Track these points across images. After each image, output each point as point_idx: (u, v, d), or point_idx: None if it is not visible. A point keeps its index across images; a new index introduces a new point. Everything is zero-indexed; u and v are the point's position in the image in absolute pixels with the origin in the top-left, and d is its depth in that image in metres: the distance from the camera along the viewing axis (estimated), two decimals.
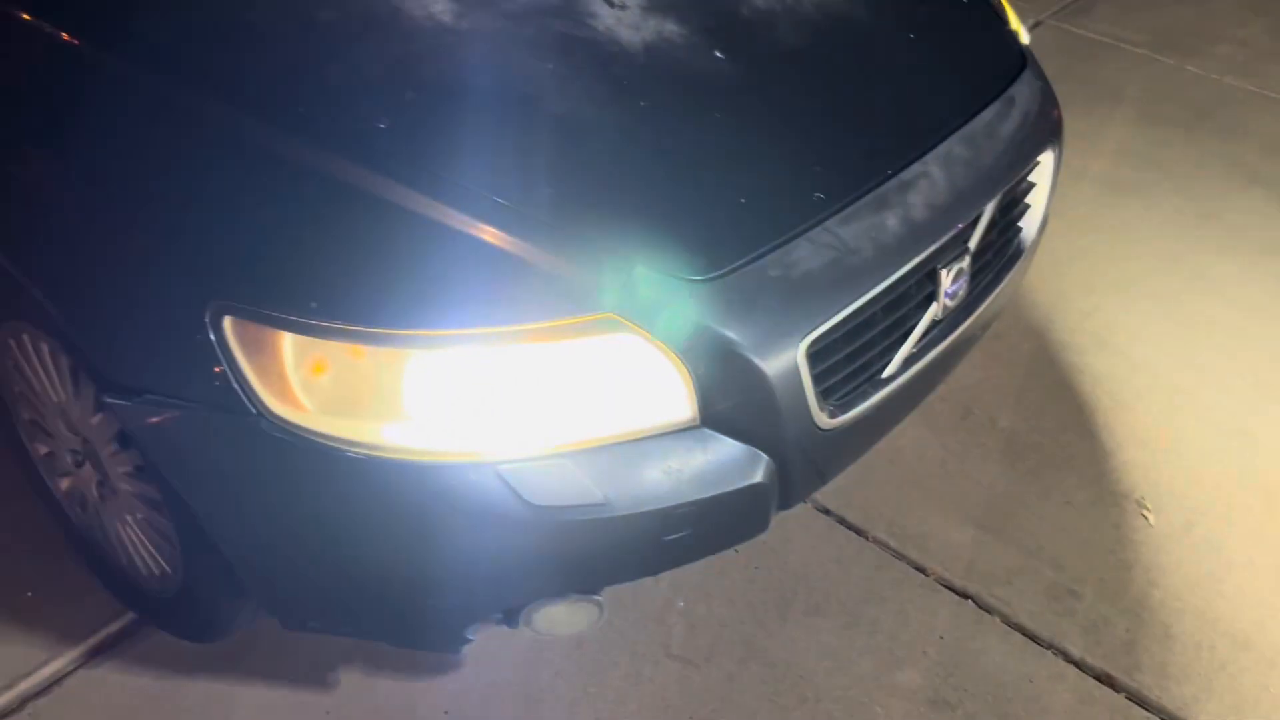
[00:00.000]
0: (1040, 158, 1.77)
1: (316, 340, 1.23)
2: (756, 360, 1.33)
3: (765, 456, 1.41)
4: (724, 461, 1.38)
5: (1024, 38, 1.96)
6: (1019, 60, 1.84)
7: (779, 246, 1.38)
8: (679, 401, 1.34)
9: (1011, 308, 2.66)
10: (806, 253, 1.39)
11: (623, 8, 1.59)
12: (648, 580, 1.94)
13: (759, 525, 1.50)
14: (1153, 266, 2.88)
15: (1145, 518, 2.15)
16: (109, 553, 1.75)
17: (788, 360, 1.35)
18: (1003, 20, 1.95)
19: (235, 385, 1.25)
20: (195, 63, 1.38)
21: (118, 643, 1.78)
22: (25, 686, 1.70)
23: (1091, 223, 3.04)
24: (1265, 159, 3.41)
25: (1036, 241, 1.89)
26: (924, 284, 1.56)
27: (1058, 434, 2.33)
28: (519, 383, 1.28)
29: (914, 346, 1.58)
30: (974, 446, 2.29)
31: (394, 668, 1.77)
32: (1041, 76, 1.88)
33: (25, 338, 1.56)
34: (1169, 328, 2.65)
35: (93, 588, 1.82)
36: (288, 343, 1.24)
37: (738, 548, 2.02)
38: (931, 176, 1.55)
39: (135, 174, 1.31)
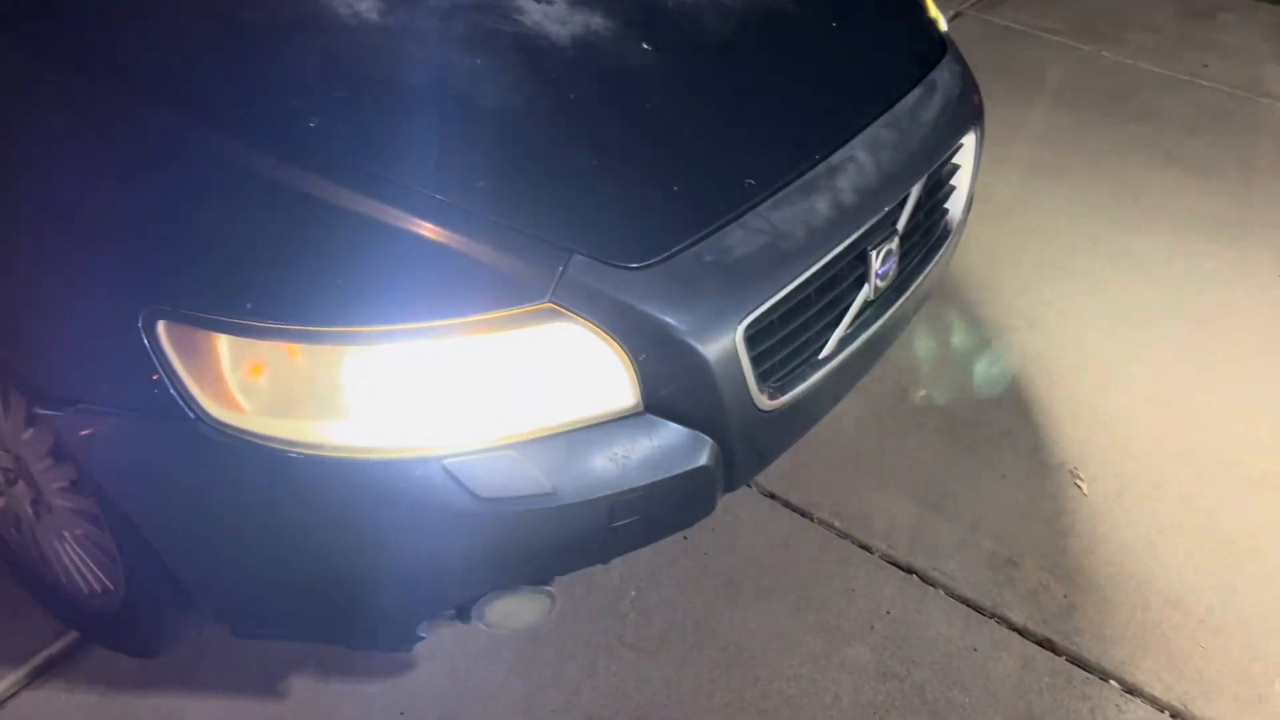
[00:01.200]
0: (963, 140, 1.82)
1: (253, 341, 1.23)
2: (696, 344, 1.35)
3: (709, 440, 1.43)
4: (668, 446, 1.40)
5: (942, 25, 2.01)
6: (939, 46, 1.89)
7: (713, 232, 1.40)
8: (622, 388, 1.36)
9: (945, 290, 2.73)
10: (740, 238, 1.41)
11: (549, 2, 1.60)
12: (600, 572, 1.96)
13: (705, 507, 1.52)
14: (1078, 246, 2.96)
15: (1079, 487, 2.21)
16: (47, 572, 1.71)
17: (726, 343, 1.37)
18: (922, 8, 2.00)
19: (172, 390, 1.24)
20: (119, 63, 1.36)
21: (61, 663, 1.74)
22: None
23: (1018, 206, 3.12)
24: (1179, 140, 3.52)
25: (963, 222, 1.94)
26: (855, 265, 1.59)
27: (993, 411, 2.39)
28: (461, 376, 1.29)
29: (848, 327, 1.61)
30: (913, 426, 2.34)
31: (346, 671, 1.76)
32: (961, 62, 1.93)
33: None
34: (1095, 305, 2.73)
35: (32, 608, 1.78)
36: (223, 345, 1.23)
37: (686, 534, 2.04)
38: (859, 160, 1.58)
39: (59, 178, 1.29)
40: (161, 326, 1.22)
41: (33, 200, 1.29)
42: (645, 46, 1.58)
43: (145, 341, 1.23)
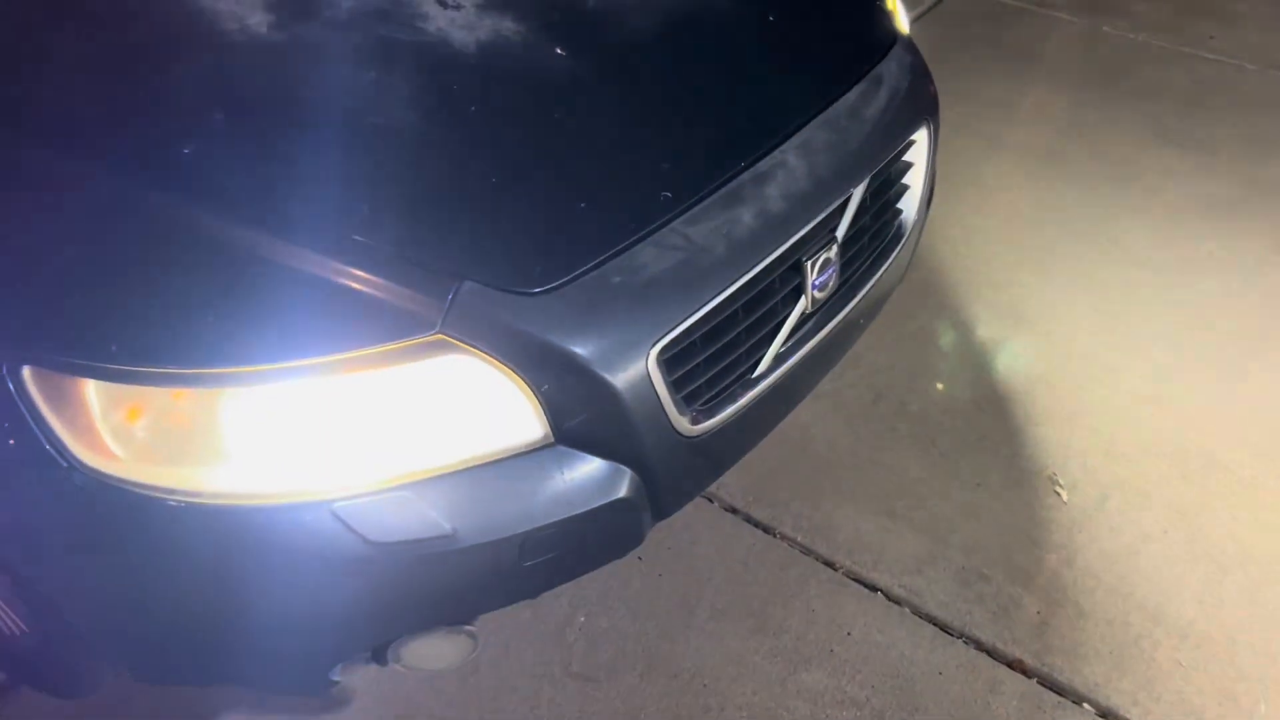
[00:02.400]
0: (914, 136, 1.72)
1: (122, 386, 1.16)
2: (602, 372, 1.26)
3: (628, 470, 1.35)
4: (583, 479, 1.32)
5: (896, 12, 1.90)
6: (888, 37, 1.78)
7: (622, 251, 1.31)
8: (526, 420, 1.28)
9: (920, 285, 2.62)
10: (652, 256, 1.32)
11: (456, 7, 1.51)
12: (546, 595, 1.88)
13: (632, 540, 1.45)
14: (1068, 234, 2.84)
15: (1059, 494, 2.11)
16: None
17: (637, 370, 1.29)
18: None
19: (43, 439, 1.17)
20: None
21: None
22: None
23: (1005, 192, 3.00)
24: (1181, 117, 3.38)
25: (921, 221, 1.84)
26: (790, 277, 1.50)
27: (971, 415, 2.29)
28: (348, 414, 1.21)
29: (785, 342, 1.52)
30: (885, 432, 2.24)
31: (282, 709, 1.70)
32: (913, 51, 1.82)
33: None
34: (1084, 297, 2.61)
35: None
36: (92, 390, 1.16)
37: (640, 554, 1.96)
38: (789, 166, 1.48)
39: None
40: (27, 373, 1.16)
41: None
42: (559, 51, 1.49)
43: (11, 388, 1.16)
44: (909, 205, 1.78)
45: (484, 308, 1.22)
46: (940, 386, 2.35)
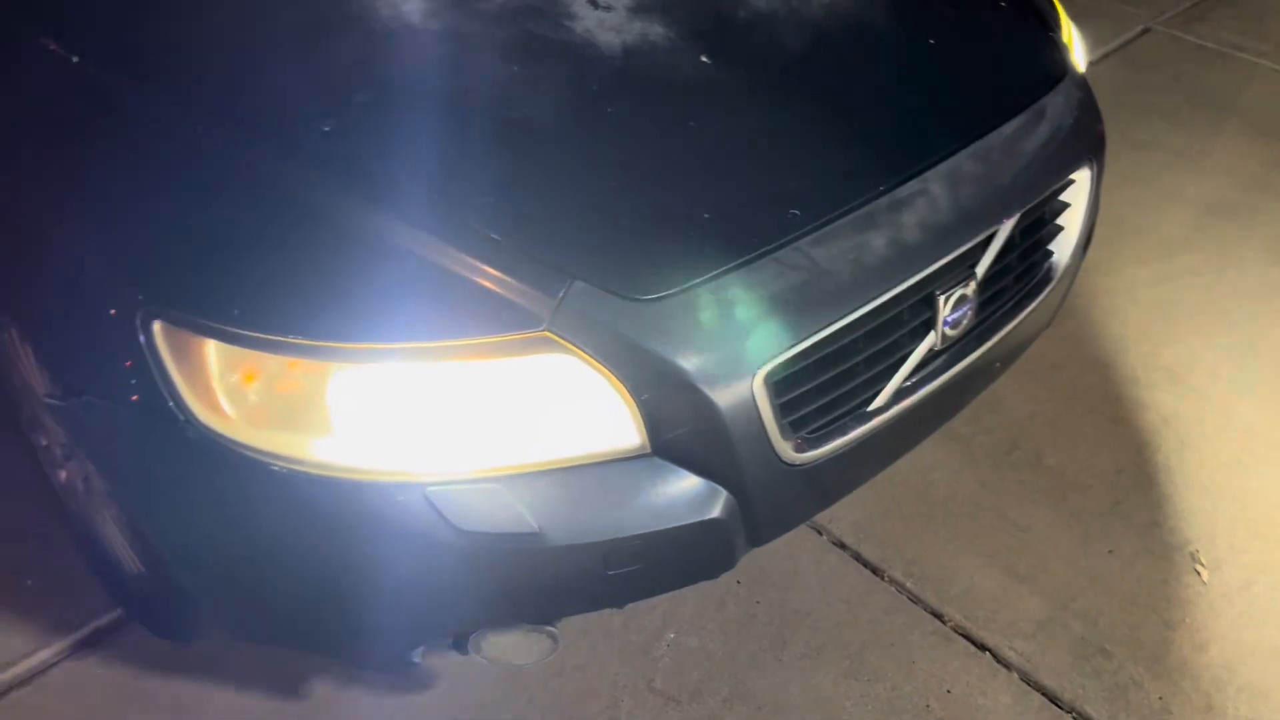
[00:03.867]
0: (1075, 176, 1.62)
1: (241, 350, 1.20)
2: (705, 389, 1.23)
3: (724, 491, 1.31)
4: (675, 494, 1.29)
5: (1072, 45, 1.80)
6: (1057, 71, 1.69)
7: (740, 266, 1.28)
8: (624, 428, 1.26)
9: (1074, 335, 2.47)
10: (772, 274, 1.29)
11: (607, 9, 1.51)
12: (641, 609, 1.86)
13: (722, 563, 1.41)
14: (1240, 296, 2.63)
15: (1199, 573, 1.95)
16: (99, 547, 1.76)
17: (741, 390, 1.25)
18: (1048, 27, 1.79)
19: (163, 390, 1.22)
20: (137, 64, 1.37)
21: (104, 637, 1.79)
22: (11, 675, 1.72)
23: (1179, 247, 2.81)
24: None
25: (1075, 266, 1.73)
26: (920, 310, 1.43)
27: (1110, 476, 2.15)
28: (449, 401, 1.22)
29: (907, 378, 1.46)
30: (1015, 484, 2.13)
31: (370, 684, 1.73)
32: (1084, 87, 1.72)
33: (15, 333, 1.58)
34: (1251, 365, 2.42)
35: (89, 581, 1.84)
36: (214, 351, 1.21)
37: (739, 579, 1.91)
38: (931, 194, 1.42)
39: (75, 176, 1.30)
40: (157, 327, 1.21)
41: (53, 197, 1.31)
42: (704, 60, 1.47)
43: (142, 340, 1.22)
44: (1062, 248, 1.68)
45: (593, 309, 1.21)
46: (1081, 444, 2.22)
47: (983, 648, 1.82)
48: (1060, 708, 1.73)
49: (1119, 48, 3.84)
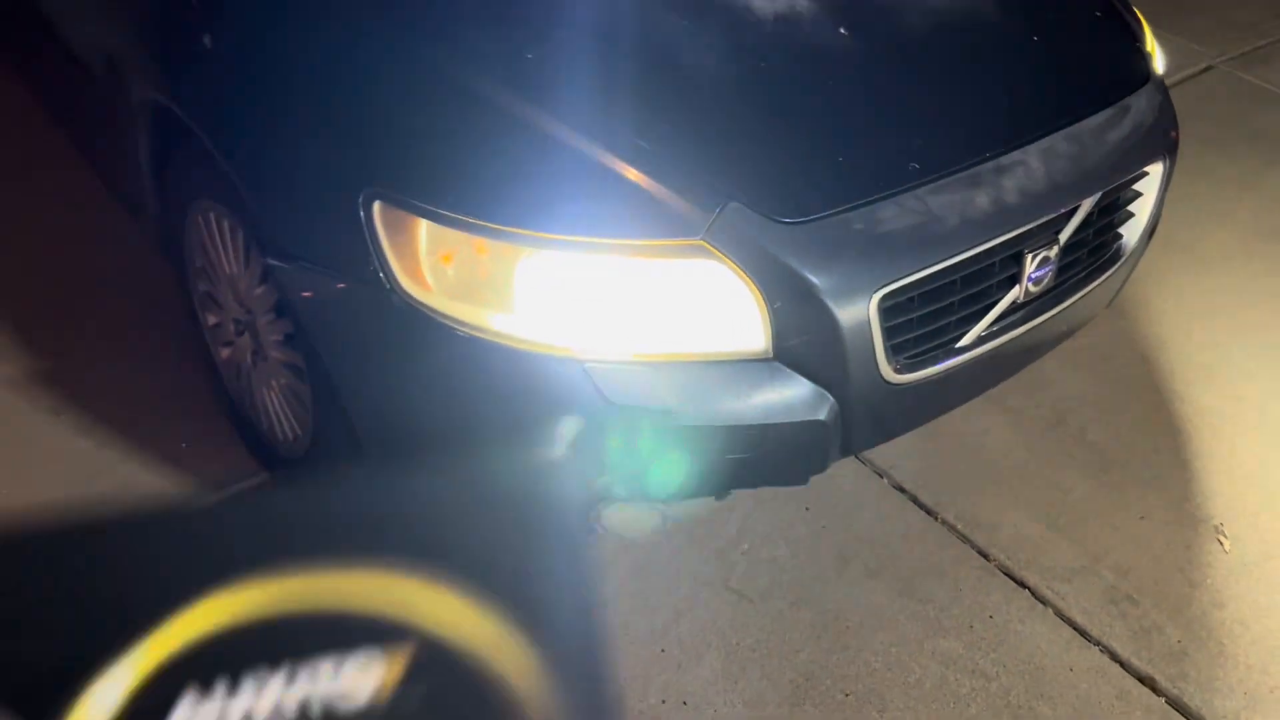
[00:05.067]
0: (1148, 169, 1.84)
1: (448, 230, 1.43)
2: (830, 304, 1.46)
3: (831, 398, 1.54)
4: (790, 395, 1.52)
5: (1155, 57, 2.02)
6: (1142, 75, 1.91)
7: (867, 204, 1.50)
8: (755, 333, 1.49)
9: (1124, 331, 2.69)
10: (893, 213, 1.51)
11: None
12: (718, 521, 2.08)
13: (817, 463, 1.63)
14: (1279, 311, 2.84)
15: (1221, 543, 2.16)
16: (254, 417, 2.00)
17: (859, 309, 1.47)
18: (1135, 37, 2.01)
19: (375, 263, 1.46)
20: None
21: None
22: None
23: (1225, 263, 3.02)
24: None
25: (1138, 252, 1.95)
26: (1009, 265, 1.65)
27: (1148, 455, 2.36)
28: (613, 292, 1.45)
29: (991, 324, 1.68)
30: (1060, 454, 2.34)
31: None
32: (1164, 93, 1.94)
33: (211, 215, 1.82)
34: None
35: (237, 447, 2.08)
36: (424, 230, 1.44)
37: (808, 505, 2.14)
38: (1030, 165, 1.64)
39: (322, 72, 1.54)
40: (377, 206, 1.45)
41: (297, 87, 1.55)
42: (842, 31, 1.70)
43: (362, 216, 1.45)
44: (1131, 232, 1.90)
45: (742, 226, 1.44)
46: (1123, 425, 2.43)
47: (1022, 585, 2.04)
48: (1089, 640, 1.95)
49: (1181, 81, 4.04)
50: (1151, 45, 2.06)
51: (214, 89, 1.64)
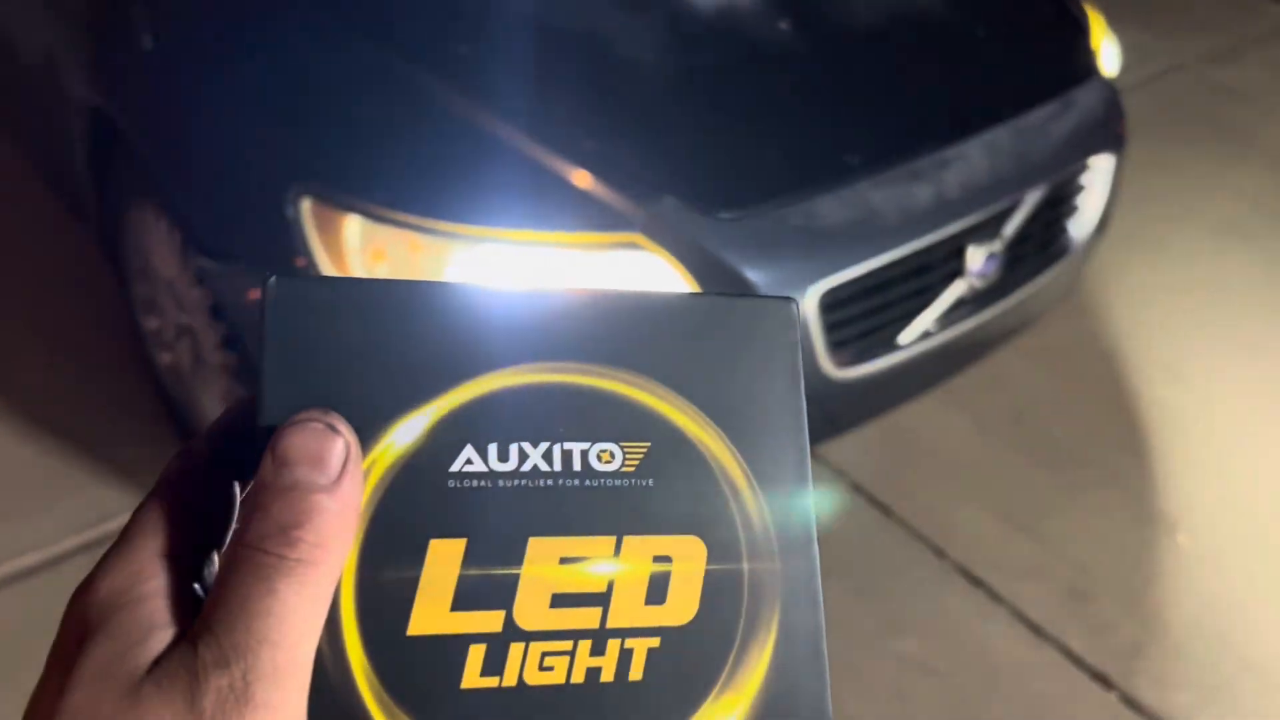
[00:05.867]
0: (1091, 162, 1.83)
1: (380, 227, 1.41)
2: None
3: None
4: None
5: (1106, 53, 2.01)
6: (1084, 71, 1.90)
7: (805, 199, 1.49)
8: None
9: (1086, 327, 2.68)
10: (831, 208, 1.50)
11: None
12: None
13: None
14: (1245, 308, 2.84)
15: (1179, 539, 2.15)
16: (198, 425, 1.97)
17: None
18: (1081, 31, 2.00)
19: (307, 260, 1.43)
20: None
21: None
22: (97, 532, 1.93)
23: (1190, 260, 3.02)
24: None
25: (1090, 246, 1.94)
26: (951, 260, 1.64)
27: (1110, 452, 2.35)
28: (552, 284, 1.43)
29: (936, 318, 1.66)
30: (1022, 452, 2.33)
31: None
32: (1111, 89, 1.93)
33: (148, 216, 1.80)
34: (1250, 369, 2.62)
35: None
36: (354, 226, 1.42)
37: None
38: (971, 159, 1.63)
39: (250, 69, 1.52)
40: (306, 204, 1.43)
41: (230, 81, 1.53)
42: (781, 25, 1.68)
43: (291, 214, 1.43)
44: (1080, 226, 1.89)
45: (678, 221, 1.42)
46: (1085, 422, 2.42)
47: (979, 583, 2.03)
48: (1043, 638, 1.93)
49: (1150, 80, 4.05)
50: (1099, 40, 2.05)
51: (144, 89, 1.62)
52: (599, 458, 0.36)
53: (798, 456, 0.39)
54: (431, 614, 0.34)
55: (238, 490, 0.34)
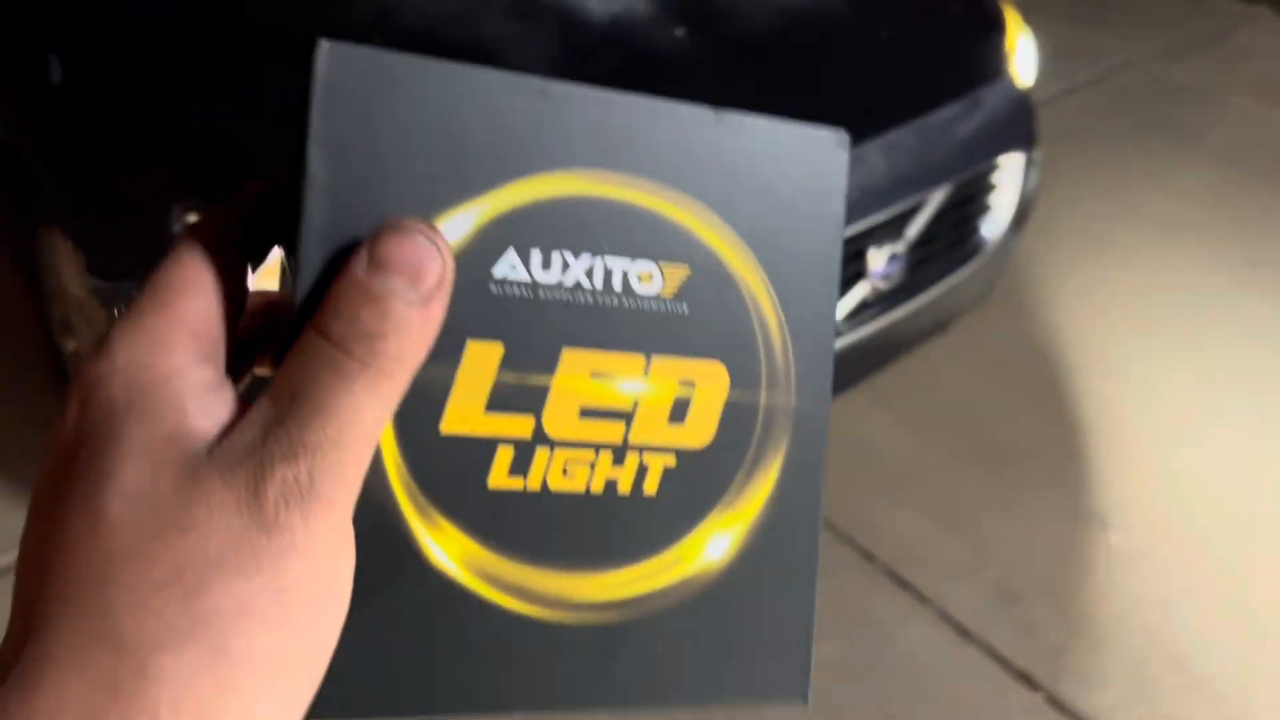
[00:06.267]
0: (1000, 161, 1.83)
1: None
2: None
3: None
4: None
5: (1021, 52, 2.01)
6: (993, 70, 1.90)
7: None
8: None
9: (1023, 327, 2.68)
10: None
11: None
12: None
13: None
14: (1188, 304, 2.84)
15: (1110, 537, 2.14)
16: None
17: None
18: (993, 30, 2.01)
19: None
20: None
21: None
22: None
23: (1131, 255, 3.02)
24: None
25: (1003, 246, 1.94)
26: (853, 262, 1.64)
27: (1045, 451, 2.34)
28: None
29: (841, 319, 1.66)
30: (957, 453, 2.32)
31: None
32: (1017, 89, 1.93)
33: (56, 238, 1.79)
34: (1191, 365, 2.62)
35: None
36: None
37: None
38: (869, 161, 1.63)
39: (136, 90, 1.52)
40: (191, 219, 1.42)
41: (118, 104, 1.53)
42: (678, 34, 1.68)
43: (177, 231, 1.42)
44: (992, 227, 1.89)
45: None
46: (1021, 421, 2.41)
47: (906, 585, 2.02)
48: (969, 639, 1.93)
49: (1098, 79, 4.07)
50: (1014, 40, 2.05)
51: (41, 115, 1.62)
52: (639, 278, 0.37)
53: (827, 300, 0.40)
54: (465, 414, 0.34)
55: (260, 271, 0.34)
